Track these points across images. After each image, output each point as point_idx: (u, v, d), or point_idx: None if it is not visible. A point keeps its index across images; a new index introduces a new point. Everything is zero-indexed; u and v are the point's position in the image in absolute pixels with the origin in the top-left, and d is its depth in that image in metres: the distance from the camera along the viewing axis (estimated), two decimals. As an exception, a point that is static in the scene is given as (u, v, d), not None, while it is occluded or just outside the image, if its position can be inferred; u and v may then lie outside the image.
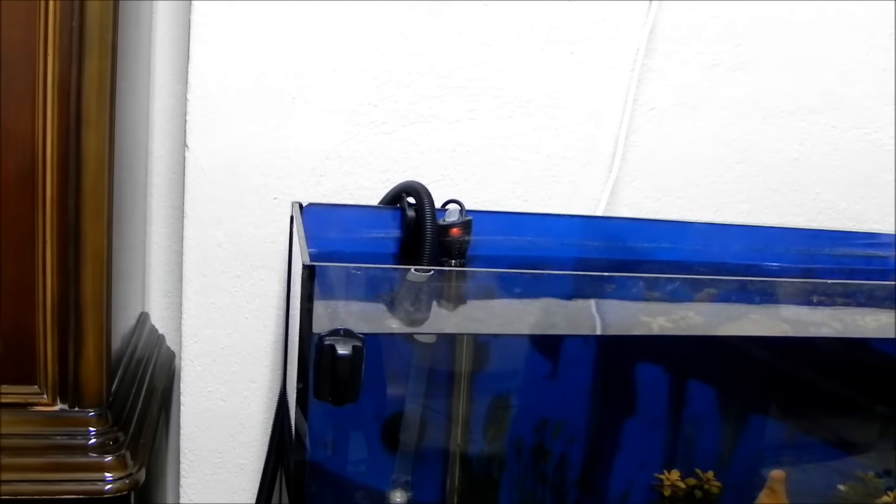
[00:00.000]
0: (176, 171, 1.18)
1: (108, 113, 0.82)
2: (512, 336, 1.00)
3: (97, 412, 0.87)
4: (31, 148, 0.79)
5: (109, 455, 0.86)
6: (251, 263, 1.11)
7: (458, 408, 1.01)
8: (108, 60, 0.80)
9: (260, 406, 1.17)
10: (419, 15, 1.09)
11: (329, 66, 1.08)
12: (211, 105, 1.06)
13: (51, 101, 0.79)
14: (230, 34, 1.05)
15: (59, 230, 0.82)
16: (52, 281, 0.83)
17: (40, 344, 0.84)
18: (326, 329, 0.75)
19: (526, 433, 1.03)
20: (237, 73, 1.06)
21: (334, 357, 0.73)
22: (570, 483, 1.06)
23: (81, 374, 0.85)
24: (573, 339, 1.02)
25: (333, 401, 0.73)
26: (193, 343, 1.13)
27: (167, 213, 1.20)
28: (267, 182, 1.09)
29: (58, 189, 0.81)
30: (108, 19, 0.79)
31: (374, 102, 1.10)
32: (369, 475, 1.01)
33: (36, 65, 0.77)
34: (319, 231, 0.99)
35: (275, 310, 1.13)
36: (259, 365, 1.15)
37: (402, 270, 0.85)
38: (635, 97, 1.17)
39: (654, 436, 1.09)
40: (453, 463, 1.02)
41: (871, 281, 1.03)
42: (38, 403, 0.86)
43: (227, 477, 1.19)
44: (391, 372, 0.98)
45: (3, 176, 0.79)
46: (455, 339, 0.99)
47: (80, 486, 0.84)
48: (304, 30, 1.06)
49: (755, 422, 1.13)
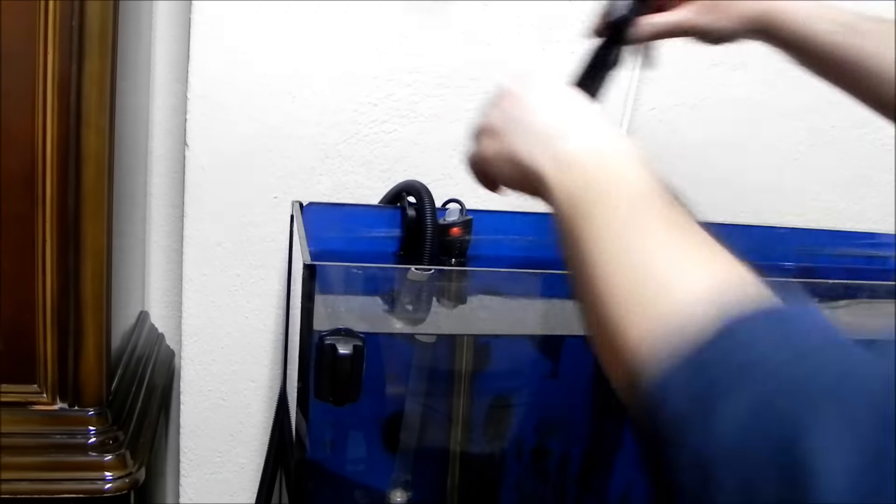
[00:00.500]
0: (176, 169, 1.18)
1: (109, 112, 0.81)
2: (512, 336, 1.00)
3: (97, 411, 0.87)
4: (31, 147, 0.79)
5: (109, 454, 0.86)
6: (251, 262, 1.11)
7: (458, 407, 1.01)
8: (109, 60, 0.80)
9: (260, 405, 1.17)
10: (419, 14, 1.09)
11: (329, 65, 1.08)
12: (211, 104, 1.06)
13: (51, 100, 0.78)
14: (230, 33, 1.05)
15: (59, 229, 0.81)
16: (52, 280, 0.83)
17: (40, 343, 0.84)
18: (327, 328, 0.75)
19: (526, 433, 1.03)
20: (237, 72, 1.06)
21: (335, 357, 0.73)
22: (570, 482, 1.06)
23: (81, 373, 0.85)
24: (573, 339, 1.02)
25: (334, 401, 0.73)
26: (193, 342, 1.13)
27: (167, 212, 1.20)
28: (267, 181, 1.09)
29: (58, 188, 0.80)
30: (108, 18, 0.79)
31: (374, 101, 1.10)
32: (369, 475, 1.01)
33: (36, 64, 0.77)
34: (320, 230, 0.99)
35: (275, 309, 1.13)
36: (259, 364, 1.15)
37: (403, 270, 0.85)
38: (636, 97, 1.17)
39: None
40: (453, 462, 1.02)
41: (871, 281, 1.03)
42: (38, 402, 0.85)
43: (227, 476, 1.19)
44: (391, 371, 0.98)
45: (4, 175, 0.79)
46: (455, 339, 0.99)
47: (80, 485, 0.84)
48: (304, 29, 1.06)
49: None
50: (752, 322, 0.33)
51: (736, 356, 0.31)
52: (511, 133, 0.51)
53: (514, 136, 0.51)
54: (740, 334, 0.32)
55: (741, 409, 0.30)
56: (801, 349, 0.32)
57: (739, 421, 0.30)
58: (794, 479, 0.27)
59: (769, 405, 0.30)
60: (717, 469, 0.30)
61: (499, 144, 0.53)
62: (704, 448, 0.31)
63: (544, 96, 0.52)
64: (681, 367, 0.32)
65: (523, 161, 0.50)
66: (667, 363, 0.32)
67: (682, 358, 0.32)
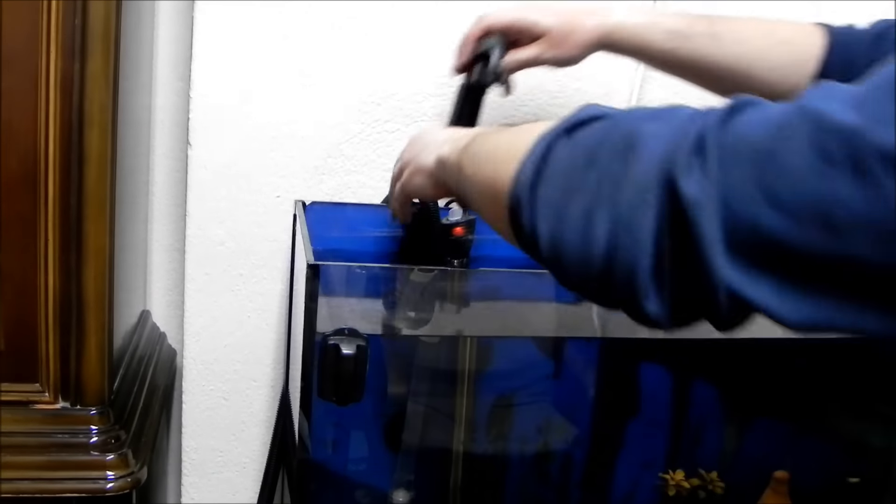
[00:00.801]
0: (178, 168, 1.17)
1: (111, 111, 0.81)
2: (515, 337, 1.00)
3: (99, 410, 0.87)
4: (33, 146, 0.79)
5: (111, 453, 0.86)
6: (253, 262, 1.11)
7: (460, 407, 1.01)
8: (111, 59, 0.80)
9: (262, 405, 1.16)
10: (422, 13, 1.09)
11: (332, 63, 1.08)
12: (214, 103, 1.06)
13: (53, 98, 0.78)
14: (233, 32, 1.04)
15: (62, 228, 0.81)
16: (54, 279, 0.82)
17: (42, 342, 0.84)
18: (329, 328, 0.75)
19: (529, 433, 1.03)
20: (240, 71, 1.05)
21: (339, 357, 0.72)
22: (573, 483, 1.06)
23: (83, 372, 0.85)
24: (576, 340, 1.02)
25: (337, 401, 0.73)
26: (195, 341, 1.13)
27: (169, 211, 1.20)
28: (270, 180, 1.09)
29: (60, 187, 0.80)
30: (111, 17, 0.79)
31: (377, 100, 1.10)
32: (371, 475, 1.01)
33: (38, 63, 0.77)
34: (322, 230, 0.98)
35: (277, 308, 1.13)
36: (261, 364, 1.15)
37: (406, 270, 0.85)
38: (639, 97, 1.16)
39: (657, 436, 1.09)
40: (455, 463, 1.02)
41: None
42: (40, 401, 0.85)
43: (229, 476, 1.19)
44: (394, 371, 0.98)
45: (6, 174, 0.79)
46: (458, 339, 0.99)
47: (82, 484, 0.84)
48: (307, 28, 1.06)
49: (759, 423, 1.13)
50: (558, 131, 0.49)
51: (560, 145, 0.48)
52: (418, 154, 0.74)
53: (420, 155, 0.73)
54: (553, 140, 0.49)
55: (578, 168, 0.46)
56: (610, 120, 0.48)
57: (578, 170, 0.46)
58: (627, 152, 0.43)
59: (600, 144, 0.45)
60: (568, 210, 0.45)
61: (413, 166, 0.74)
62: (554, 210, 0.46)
63: (430, 131, 0.76)
64: (527, 171, 0.48)
65: (431, 163, 0.70)
66: (522, 177, 0.49)
67: (527, 171, 0.48)
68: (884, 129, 0.35)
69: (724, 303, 0.40)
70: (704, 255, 0.39)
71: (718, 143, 0.40)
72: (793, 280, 0.38)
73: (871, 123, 0.35)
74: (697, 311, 0.42)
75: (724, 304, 0.40)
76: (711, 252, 0.39)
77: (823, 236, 0.36)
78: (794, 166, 0.37)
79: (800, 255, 0.37)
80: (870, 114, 0.36)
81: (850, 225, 0.36)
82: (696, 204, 0.39)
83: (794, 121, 0.38)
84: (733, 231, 0.38)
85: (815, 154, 0.36)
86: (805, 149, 0.37)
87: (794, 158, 0.37)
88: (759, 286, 0.39)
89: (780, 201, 0.37)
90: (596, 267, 0.44)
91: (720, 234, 0.39)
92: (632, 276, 0.42)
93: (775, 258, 0.38)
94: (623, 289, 0.43)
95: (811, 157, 0.36)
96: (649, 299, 0.42)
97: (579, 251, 0.44)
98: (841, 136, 0.36)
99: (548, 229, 0.46)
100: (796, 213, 0.37)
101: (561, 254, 0.46)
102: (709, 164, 0.39)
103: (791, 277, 0.38)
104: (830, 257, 0.37)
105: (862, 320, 0.38)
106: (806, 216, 0.37)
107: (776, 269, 0.38)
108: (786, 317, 0.39)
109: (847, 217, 0.36)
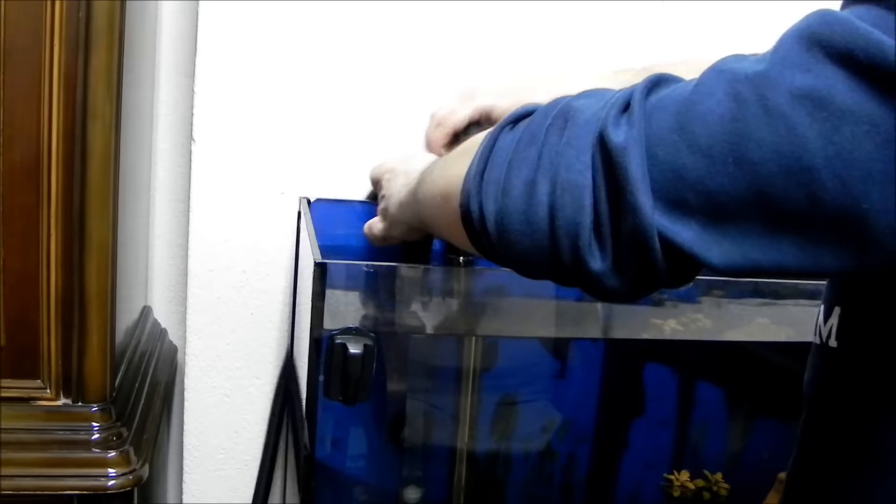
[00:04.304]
0: (181, 164, 1.17)
1: (115, 106, 0.81)
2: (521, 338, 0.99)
3: (100, 407, 0.86)
4: (36, 140, 0.78)
5: (113, 451, 0.85)
6: (257, 258, 1.11)
7: (464, 405, 1.00)
8: (116, 53, 0.79)
9: (264, 403, 1.16)
10: (426, 12, 1.08)
11: (337, 60, 1.07)
12: (218, 98, 1.05)
13: (57, 93, 0.78)
14: (238, 28, 1.04)
15: (64, 223, 0.81)
16: (57, 274, 0.82)
17: (44, 338, 0.83)
18: (334, 326, 0.75)
19: (534, 432, 1.02)
20: (244, 66, 1.05)
21: (346, 356, 0.72)
22: (577, 483, 1.06)
23: (85, 369, 0.85)
24: (582, 340, 1.01)
25: (344, 400, 0.73)
26: (198, 338, 1.12)
27: (172, 207, 1.19)
28: (274, 176, 1.08)
29: (63, 182, 0.80)
30: (115, 12, 0.78)
31: (383, 97, 1.09)
32: (378, 473, 1.00)
33: (42, 57, 0.77)
34: (327, 226, 0.98)
35: (280, 305, 1.13)
36: (264, 361, 1.14)
37: (412, 268, 0.84)
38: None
39: (662, 436, 1.08)
40: (459, 461, 1.02)
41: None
42: (41, 398, 0.85)
43: (231, 473, 1.18)
44: (399, 370, 0.97)
45: (9, 168, 0.78)
46: (463, 337, 0.98)
47: (83, 481, 0.83)
48: (312, 24, 1.05)
49: (764, 424, 1.13)
50: (501, 131, 0.52)
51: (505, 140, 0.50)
52: (397, 190, 0.77)
53: (399, 187, 0.76)
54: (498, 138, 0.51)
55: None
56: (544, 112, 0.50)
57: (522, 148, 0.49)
58: (563, 125, 0.46)
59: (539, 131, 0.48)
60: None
61: (396, 198, 0.77)
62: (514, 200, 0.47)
63: (393, 177, 0.80)
64: (476, 165, 0.51)
65: (409, 192, 0.72)
66: (471, 171, 0.51)
67: (476, 164, 0.51)
68: (790, 71, 0.38)
69: (657, 251, 0.42)
70: (634, 201, 0.41)
71: (644, 102, 0.43)
72: (714, 221, 0.41)
73: (780, 68, 0.39)
74: (640, 269, 0.44)
75: (659, 253, 0.42)
76: (640, 198, 0.41)
77: (738, 173, 0.39)
78: (710, 110, 0.40)
79: (718, 195, 0.40)
80: (778, 60, 0.39)
81: (761, 160, 0.38)
82: (622, 151, 0.42)
83: (711, 78, 0.41)
84: (659, 177, 0.41)
85: (729, 98, 0.40)
86: (720, 95, 0.40)
87: (710, 103, 0.40)
88: (685, 229, 0.41)
89: (698, 144, 0.40)
90: (540, 233, 0.46)
91: (647, 180, 0.41)
92: (575, 236, 0.44)
93: (696, 200, 0.41)
94: (568, 252, 0.45)
95: (725, 101, 0.40)
96: (594, 256, 0.44)
97: (523, 219, 0.46)
98: (752, 81, 0.39)
99: (493, 206, 0.48)
100: (712, 154, 0.40)
101: (506, 227, 0.47)
102: (634, 116, 0.42)
103: (712, 219, 0.41)
104: (746, 194, 0.39)
105: (781, 256, 0.40)
106: (720, 155, 0.39)
107: (698, 212, 0.41)
108: (711, 259, 0.41)
109: (758, 153, 0.38)
